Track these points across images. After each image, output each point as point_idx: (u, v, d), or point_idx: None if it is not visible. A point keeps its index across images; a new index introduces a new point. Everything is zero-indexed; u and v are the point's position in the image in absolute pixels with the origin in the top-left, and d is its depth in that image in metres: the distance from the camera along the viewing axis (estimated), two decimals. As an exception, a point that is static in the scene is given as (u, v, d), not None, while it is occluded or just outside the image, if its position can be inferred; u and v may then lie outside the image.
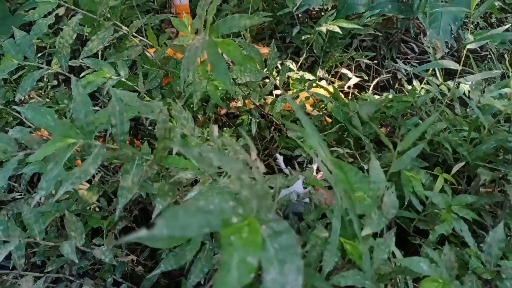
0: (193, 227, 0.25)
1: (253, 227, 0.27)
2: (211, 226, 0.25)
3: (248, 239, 0.26)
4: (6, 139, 0.70)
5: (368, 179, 0.64)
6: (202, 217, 0.25)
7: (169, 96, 1.06)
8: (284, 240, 0.26)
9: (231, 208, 0.27)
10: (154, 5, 1.62)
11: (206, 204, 0.26)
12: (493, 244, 0.64)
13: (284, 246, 0.26)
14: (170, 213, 0.25)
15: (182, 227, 0.24)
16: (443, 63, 0.90)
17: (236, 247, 0.25)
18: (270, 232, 0.27)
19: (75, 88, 0.56)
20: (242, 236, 0.26)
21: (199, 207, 0.26)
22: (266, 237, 0.27)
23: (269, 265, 0.25)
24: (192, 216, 0.25)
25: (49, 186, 0.55)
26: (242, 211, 0.27)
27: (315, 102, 1.20)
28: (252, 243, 0.26)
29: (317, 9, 1.61)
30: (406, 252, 0.94)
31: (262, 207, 0.28)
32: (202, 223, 0.25)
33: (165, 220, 0.24)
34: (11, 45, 0.91)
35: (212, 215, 0.26)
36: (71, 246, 0.74)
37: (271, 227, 0.27)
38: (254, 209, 0.28)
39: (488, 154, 0.92)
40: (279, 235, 0.27)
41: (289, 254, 0.26)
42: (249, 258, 0.25)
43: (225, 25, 0.63)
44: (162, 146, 0.66)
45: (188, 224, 0.25)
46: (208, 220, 0.25)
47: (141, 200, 1.00)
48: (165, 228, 0.24)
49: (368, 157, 0.67)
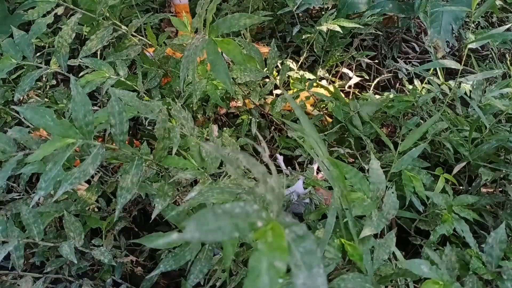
0: (224, 231, 0.25)
1: (277, 231, 0.27)
2: (240, 230, 0.25)
3: (273, 244, 0.26)
4: (5, 139, 0.70)
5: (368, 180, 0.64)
6: (230, 221, 0.25)
7: (168, 95, 1.06)
8: (308, 245, 0.27)
9: (256, 212, 0.27)
10: (153, 4, 1.62)
11: (232, 207, 0.26)
12: (494, 244, 0.63)
13: (308, 250, 0.26)
14: (201, 217, 0.24)
15: (212, 230, 0.24)
16: (444, 63, 0.90)
17: (263, 252, 0.25)
18: (293, 236, 0.27)
19: (74, 87, 0.55)
20: (267, 241, 0.26)
21: (225, 210, 0.25)
22: (291, 242, 0.27)
23: (298, 269, 0.25)
24: (221, 219, 0.25)
25: (48, 186, 0.55)
26: (265, 215, 0.27)
27: (316, 102, 1.19)
28: (278, 248, 0.26)
29: (317, 8, 1.60)
30: (407, 253, 0.94)
31: (281, 210, 0.28)
32: (232, 227, 0.25)
33: (196, 223, 0.24)
34: (10, 44, 0.90)
35: (239, 219, 0.26)
36: (70, 246, 0.74)
37: (294, 231, 0.28)
38: (275, 213, 0.28)
39: (489, 154, 0.91)
40: (302, 239, 0.27)
41: (314, 258, 0.26)
42: (277, 262, 0.25)
43: (225, 24, 0.63)
44: (161, 146, 0.66)
45: (218, 228, 0.25)
46: (236, 224, 0.25)
47: (141, 200, 1.00)
48: (197, 232, 0.24)
49: (369, 157, 0.66)
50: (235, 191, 0.57)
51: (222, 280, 0.68)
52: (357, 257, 0.56)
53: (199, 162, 0.70)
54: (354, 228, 0.52)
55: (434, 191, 0.83)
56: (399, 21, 1.52)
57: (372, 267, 0.57)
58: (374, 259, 0.59)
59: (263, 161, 0.87)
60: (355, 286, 0.53)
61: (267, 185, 0.28)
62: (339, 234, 0.60)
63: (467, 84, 1.07)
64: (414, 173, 0.85)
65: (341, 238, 0.59)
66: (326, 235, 0.49)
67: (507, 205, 0.88)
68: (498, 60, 1.42)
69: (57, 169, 0.55)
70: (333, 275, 0.62)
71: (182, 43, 0.98)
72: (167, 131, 0.65)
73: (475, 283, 0.60)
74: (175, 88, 1.05)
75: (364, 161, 0.97)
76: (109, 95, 0.60)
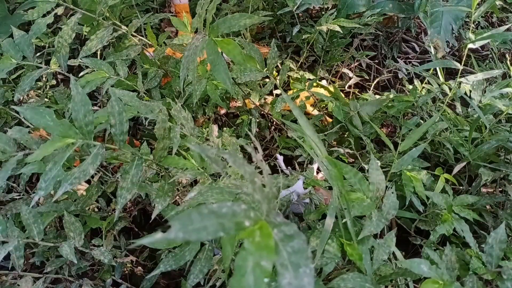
0: (209, 230, 0.25)
1: (265, 231, 0.27)
2: (225, 229, 0.25)
3: (261, 243, 0.26)
4: (5, 139, 0.70)
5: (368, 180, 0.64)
6: (216, 221, 0.25)
7: (168, 95, 1.06)
8: (296, 244, 0.27)
9: (243, 211, 0.27)
10: (153, 4, 1.62)
11: (219, 207, 0.26)
12: (494, 244, 0.63)
13: (296, 250, 0.26)
14: (185, 216, 0.25)
15: (197, 230, 0.24)
16: (444, 63, 0.90)
17: (250, 251, 0.25)
18: (281, 236, 0.27)
19: (74, 87, 0.55)
20: (255, 240, 0.26)
21: (212, 210, 0.25)
22: (279, 241, 0.27)
23: (284, 269, 0.25)
24: (206, 219, 0.25)
25: (48, 186, 0.55)
26: (253, 214, 0.27)
27: (316, 102, 1.19)
28: (265, 247, 0.26)
29: (317, 8, 1.60)
30: (407, 253, 0.94)
31: (271, 210, 0.28)
32: (217, 226, 0.25)
33: (181, 223, 0.24)
34: (10, 44, 0.90)
35: (225, 218, 0.26)
36: (70, 246, 0.74)
37: (282, 231, 0.28)
38: (264, 213, 0.28)
39: (489, 154, 0.91)
40: (290, 239, 0.27)
41: (301, 258, 0.26)
42: (263, 262, 0.25)
43: (225, 24, 0.63)
44: (161, 146, 0.66)
45: (203, 228, 0.25)
46: (222, 223, 0.25)
47: (140, 200, 1.00)
48: (181, 232, 0.24)
49: (369, 157, 0.66)
50: (235, 191, 0.57)
51: (222, 280, 0.68)
52: (357, 257, 0.56)
53: (199, 162, 0.70)
54: (353, 228, 0.52)
55: (434, 191, 0.83)
56: (399, 21, 1.52)
57: (371, 267, 0.57)
58: (374, 259, 0.59)
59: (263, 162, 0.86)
60: (355, 286, 0.53)
61: (255, 185, 0.28)
62: (338, 234, 0.61)
63: (467, 84, 1.06)
64: (414, 173, 0.85)
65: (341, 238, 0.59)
66: (325, 235, 0.49)
67: (507, 205, 0.88)
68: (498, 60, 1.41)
69: (57, 169, 0.55)
70: (333, 275, 0.62)
71: (182, 43, 0.98)
72: (167, 131, 0.65)
73: (475, 283, 0.60)
74: (175, 88, 1.05)
75: (364, 161, 0.97)
76: (109, 95, 0.60)
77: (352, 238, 0.56)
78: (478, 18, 1.56)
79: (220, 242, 0.68)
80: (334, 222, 0.50)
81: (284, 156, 1.10)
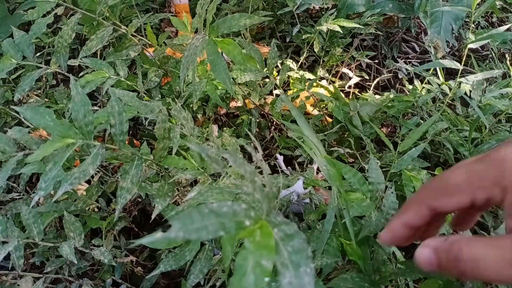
0: (209, 229, 0.25)
1: (265, 230, 0.27)
2: (226, 229, 0.25)
3: (261, 243, 0.26)
4: (5, 139, 0.70)
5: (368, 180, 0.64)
6: (216, 220, 0.25)
7: (168, 95, 1.06)
8: (297, 244, 0.27)
9: (244, 211, 0.27)
10: (153, 4, 1.62)
11: (219, 206, 0.26)
12: (495, 245, 0.63)
13: (296, 249, 0.26)
14: (186, 216, 0.25)
15: (198, 229, 0.24)
16: (444, 63, 0.90)
17: (251, 251, 0.25)
18: (282, 235, 0.27)
19: (74, 87, 0.55)
20: (255, 239, 0.26)
21: (212, 210, 0.26)
22: (279, 240, 0.27)
23: (285, 268, 0.25)
24: (207, 218, 0.25)
25: (48, 186, 0.55)
26: (254, 214, 0.27)
27: (316, 102, 1.19)
28: (265, 247, 0.26)
29: (317, 8, 1.60)
30: (407, 253, 0.94)
31: (271, 210, 0.28)
32: (217, 226, 0.25)
33: (181, 222, 0.24)
34: (10, 44, 0.90)
35: (226, 217, 0.26)
36: (70, 246, 0.74)
37: (283, 230, 0.28)
38: (264, 212, 0.28)
39: (489, 154, 0.91)
40: (291, 238, 0.27)
41: (302, 257, 0.26)
42: (264, 261, 0.25)
43: (225, 24, 0.63)
44: (161, 146, 0.66)
45: (203, 227, 0.25)
46: (223, 223, 0.26)
47: (141, 200, 1.00)
48: (181, 231, 0.24)
49: (369, 157, 0.66)
50: (235, 191, 0.57)
51: (222, 280, 0.68)
52: (357, 257, 0.56)
53: (199, 162, 0.70)
54: (352, 228, 0.52)
55: (434, 191, 0.83)
56: (399, 21, 1.52)
57: (371, 267, 0.57)
58: (374, 259, 0.59)
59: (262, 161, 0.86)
60: (355, 286, 0.53)
61: (255, 184, 0.28)
62: (338, 234, 0.61)
63: (467, 84, 1.06)
64: (414, 173, 0.85)
65: (340, 237, 0.59)
66: (324, 235, 0.49)
67: (507, 205, 0.88)
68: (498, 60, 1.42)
69: (57, 169, 0.55)
70: (333, 275, 0.62)
71: (182, 43, 0.98)
72: (167, 131, 0.65)
73: (475, 283, 0.60)
74: (175, 88, 1.05)
75: (364, 161, 0.97)
76: (109, 95, 0.60)
77: (351, 238, 0.56)
78: (478, 18, 1.56)
79: (220, 242, 0.68)
80: (334, 222, 0.50)
81: (284, 156, 1.10)
